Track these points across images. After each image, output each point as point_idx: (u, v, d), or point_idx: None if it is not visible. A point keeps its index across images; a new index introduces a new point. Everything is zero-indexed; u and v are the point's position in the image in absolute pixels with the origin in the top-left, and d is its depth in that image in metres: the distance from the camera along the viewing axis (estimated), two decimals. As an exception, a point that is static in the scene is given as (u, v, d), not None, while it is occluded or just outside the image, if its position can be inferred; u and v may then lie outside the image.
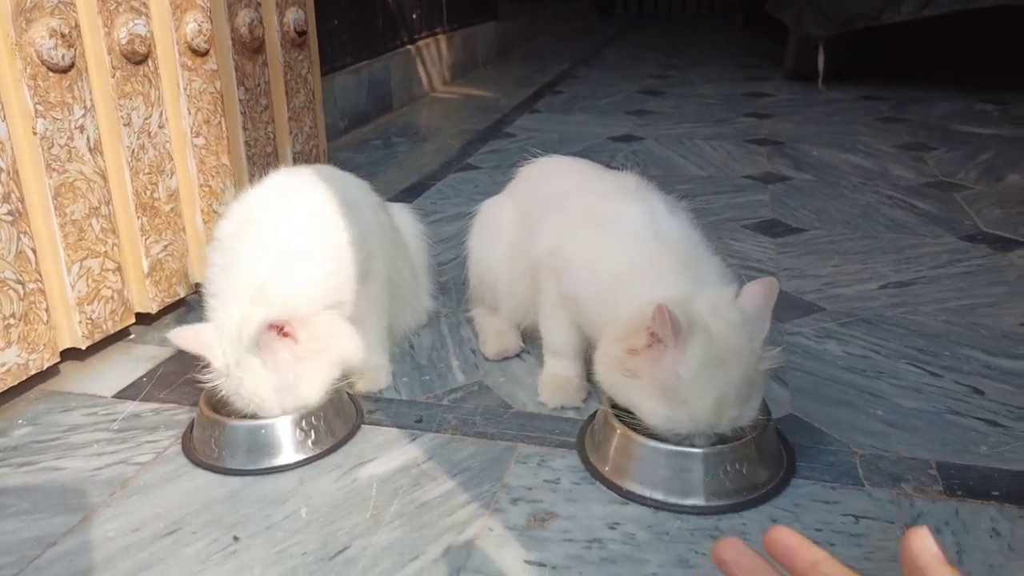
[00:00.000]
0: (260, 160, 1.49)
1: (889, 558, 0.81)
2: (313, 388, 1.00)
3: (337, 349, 1.02)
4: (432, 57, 3.40)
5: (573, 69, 4.10)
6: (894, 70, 3.75)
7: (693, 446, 0.89)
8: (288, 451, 0.98)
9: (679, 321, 0.83)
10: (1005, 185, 2.03)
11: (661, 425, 0.89)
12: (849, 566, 0.42)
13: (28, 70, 1.04)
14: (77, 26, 1.10)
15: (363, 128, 2.75)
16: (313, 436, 0.99)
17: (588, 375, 1.11)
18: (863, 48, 3.68)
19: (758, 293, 0.90)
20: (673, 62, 4.31)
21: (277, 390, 0.97)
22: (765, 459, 0.93)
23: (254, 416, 0.98)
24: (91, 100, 1.14)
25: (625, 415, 0.94)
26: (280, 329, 0.97)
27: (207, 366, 0.98)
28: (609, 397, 0.97)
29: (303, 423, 0.99)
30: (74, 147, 1.12)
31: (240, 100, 1.43)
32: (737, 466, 0.90)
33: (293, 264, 1.02)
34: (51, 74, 1.07)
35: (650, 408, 0.89)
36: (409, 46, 3.17)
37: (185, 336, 0.99)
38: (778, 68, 3.77)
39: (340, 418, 1.03)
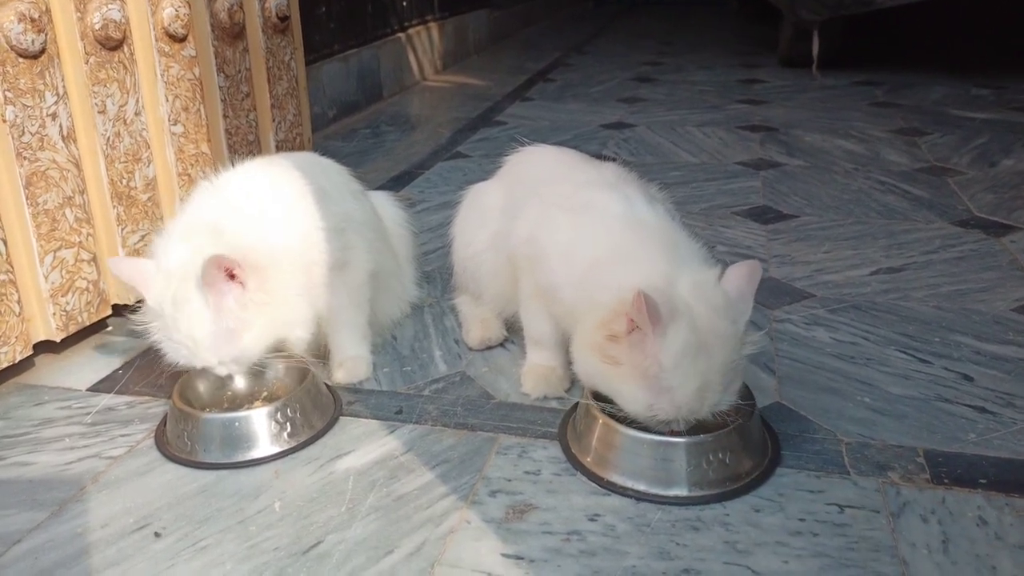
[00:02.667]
0: (242, 148, 1.47)
1: (873, 548, 0.79)
2: (253, 341, 0.96)
3: (285, 309, 0.99)
4: (423, 45, 3.36)
5: (566, 57, 4.06)
6: (889, 55, 3.72)
7: (673, 432, 0.88)
8: (264, 444, 0.96)
9: (657, 308, 0.81)
10: (999, 170, 2.00)
11: (642, 412, 0.87)
12: None
13: (-5, 56, 1.02)
14: (48, 11, 1.08)
15: (352, 117, 2.73)
16: (289, 428, 0.97)
17: (570, 365, 1.09)
18: (858, 33, 3.65)
19: (741, 276, 0.88)
20: (666, 49, 4.28)
21: (214, 335, 0.93)
22: (749, 448, 0.91)
23: (226, 408, 0.96)
24: (64, 87, 1.11)
25: (606, 403, 0.92)
26: (229, 272, 0.94)
27: (142, 304, 0.96)
28: (591, 387, 0.95)
29: (279, 415, 0.97)
30: (46, 135, 1.09)
31: (220, 87, 1.40)
32: (720, 455, 0.88)
33: (252, 210, 1.00)
34: (21, 60, 1.04)
35: (631, 395, 0.87)
36: (400, 34, 3.14)
37: (123, 266, 0.97)
38: (772, 54, 3.74)
39: (318, 410, 1.02)
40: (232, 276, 0.94)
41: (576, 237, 0.98)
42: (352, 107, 2.74)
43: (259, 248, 0.97)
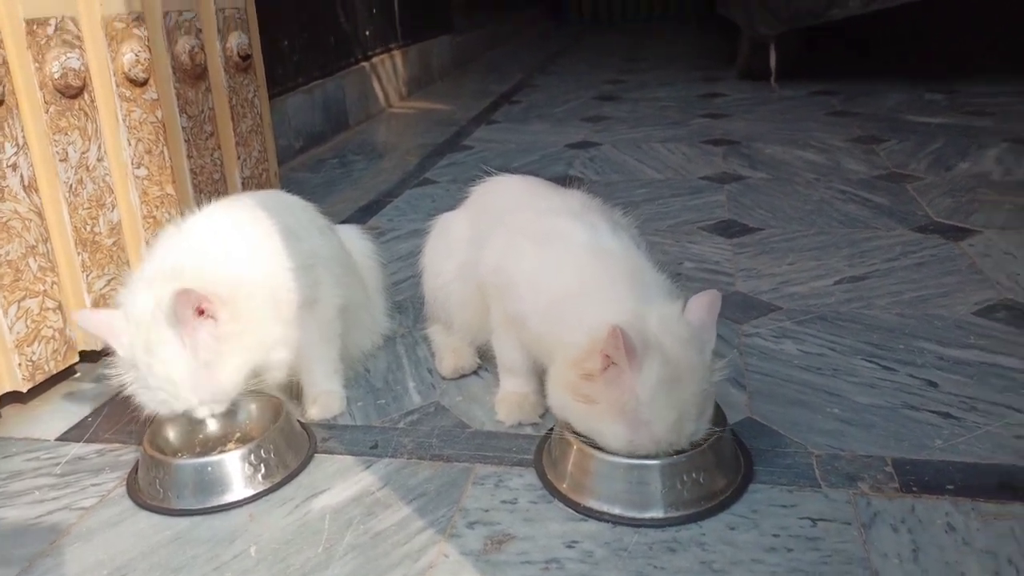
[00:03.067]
0: (207, 187, 1.47)
1: (846, 561, 0.80)
2: (232, 374, 0.96)
3: (261, 333, 0.99)
4: (387, 73, 3.38)
5: (530, 78, 4.10)
6: (845, 64, 3.80)
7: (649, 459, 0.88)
8: (238, 487, 0.95)
9: (633, 343, 0.82)
10: (955, 174, 2.05)
11: (623, 449, 0.88)
12: None
13: (-49, 109, 1.01)
14: (5, 63, 1.08)
15: (319, 148, 2.73)
16: (264, 469, 0.97)
17: (544, 391, 1.10)
18: (813, 45, 3.72)
19: (702, 306, 0.90)
20: (629, 66, 4.34)
21: (192, 374, 0.93)
22: (722, 466, 0.92)
23: (198, 452, 0.95)
24: (23, 137, 1.11)
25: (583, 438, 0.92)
26: (199, 308, 0.93)
27: (112, 356, 0.95)
28: (565, 423, 0.96)
29: (252, 457, 0.97)
30: (7, 186, 1.09)
31: (183, 128, 1.40)
32: (695, 475, 0.89)
33: (215, 251, 1.00)
34: (-24, 112, 1.04)
35: (611, 433, 0.88)
36: (364, 63, 3.15)
37: (90, 318, 0.96)
38: (731, 68, 3.81)
39: (292, 449, 1.01)
40: (201, 312, 0.94)
41: (541, 266, 0.99)
42: (318, 138, 2.74)
43: (224, 282, 0.96)
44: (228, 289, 0.96)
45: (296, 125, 2.59)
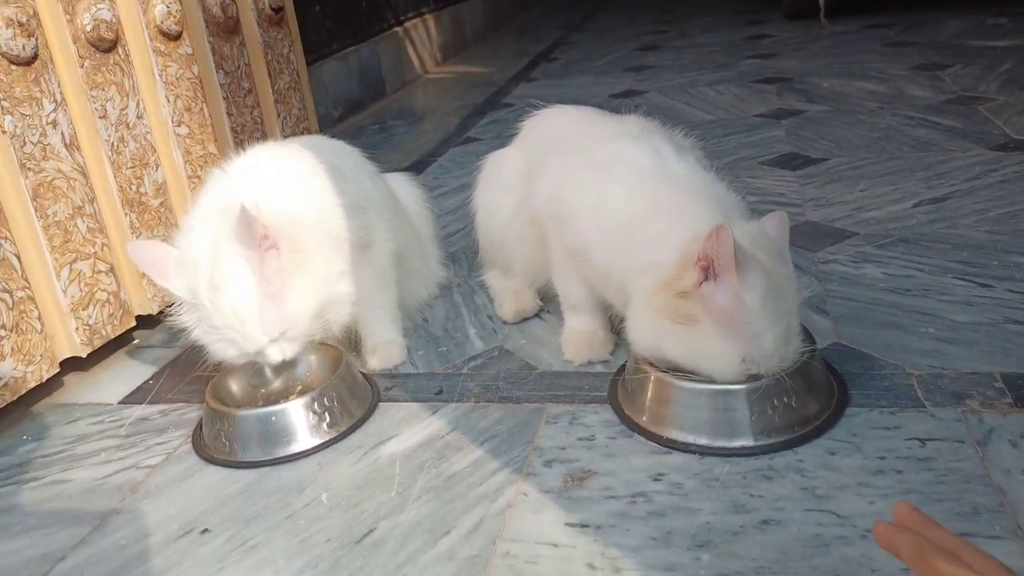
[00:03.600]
0: (249, 146, 1.43)
1: (964, 479, 0.73)
2: (300, 305, 0.92)
3: (322, 265, 0.95)
4: (421, 38, 3.32)
5: (566, 36, 4.00)
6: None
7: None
8: (303, 436, 0.92)
9: (733, 244, 0.75)
10: (1031, 92, 1.92)
11: (733, 368, 0.80)
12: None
13: (-12, 66, 0.98)
14: (36, 14, 1.04)
15: (358, 115, 2.68)
16: (328, 418, 0.93)
17: (613, 326, 1.04)
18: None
19: (771, 228, 0.84)
20: (668, 18, 4.20)
21: (261, 308, 0.88)
22: (814, 390, 0.85)
23: (262, 402, 0.92)
24: (61, 93, 1.08)
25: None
26: (263, 234, 0.89)
27: (172, 306, 0.93)
28: (661, 360, 0.87)
29: (316, 405, 0.93)
30: (48, 144, 1.06)
31: (221, 84, 1.36)
32: (785, 399, 0.83)
33: (265, 188, 0.96)
34: (13, 67, 1.01)
35: (720, 352, 0.80)
36: (396, 28, 3.09)
37: (142, 251, 0.92)
38: (776, 10, 3.66)
39: (355, 398, 0.97)
40: (264, 238, 0.89)
41: (603, 194, 0.93)
42: (356, 105, 2.70)
43: (280, 216, 0.92)
44: (286, 223, 0.92)
45: (334, 94, 2.55)
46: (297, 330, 0.93)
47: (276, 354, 0.92)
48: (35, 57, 1.03)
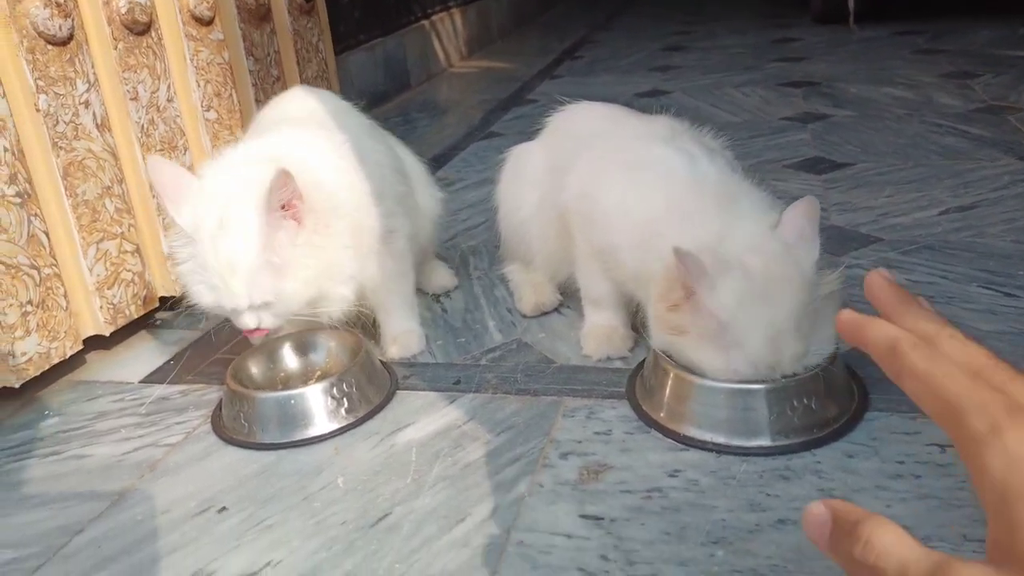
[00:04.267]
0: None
1: (985, 487, 0.73)
2: (296, 286, 0.89)
3: (335, 259, 0.93)
4: (447, 32, 3.32)
5: (592, 34, 3.99)
6: (928, 4, 3.58)
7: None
8: (321, 421, 0.92)
9: (700, 263, 0.76)
10: (1063, 103, 1.90)
11: (722, 376, 0.83)
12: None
13: (25, 43, 1.00)
14: (72, -4, 1.06)
15: (382, 107, 2.69)
16: (347, 404, 0.94)
17: (633, 323, 1.04)
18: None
19: (798, 215, 0.82)
20: (694, 19, 4.18)
21: (255, 269, 0.86)
22: (834, 393, 0.85)
23: (282, 386, 0.92)
24: (94, 74, 1.09)
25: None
26: (289, 202, 0.87)
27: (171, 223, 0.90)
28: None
29: (334, 391, 0.94)
30: (80, 124, 1.07)
31: (250, 71, 1.37)
32: (805, 401, 0.82)
33: (310, 154, 0.95)
34: (49, 47, 1.02)
35: (706, 361, 0.83)
36: (423, 21, 3.10)
37: (161, 168, 0.88)
38: (804, 13, 3.63)
39: (373, 384, 0.98)
40: (287, 209, 0.87)
41: (633, 195, 0.93)
42: (381, 97, 2.71)
43: (321, 191, 0.92)
44: (323, 200, 0.91)
45: (359, 85, 2.56)
46: (282, 308, 0.90)
47: (251, 320, 0.89)
48: (71, 38, 1.04)
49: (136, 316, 1.18)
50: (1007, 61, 2.38)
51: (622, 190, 0.94)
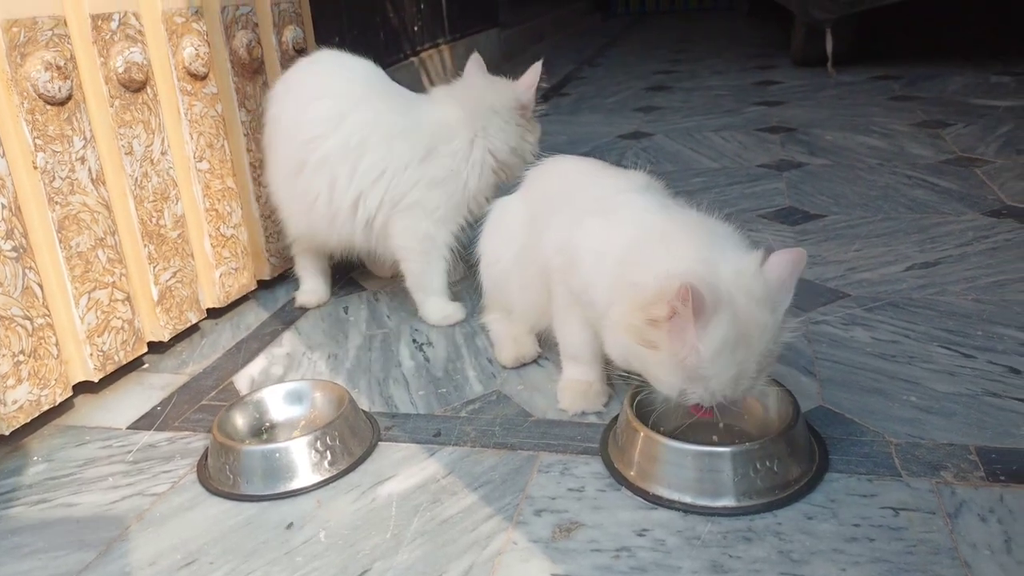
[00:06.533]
0: (265, 181, 1.48)
1: (932, 551, 0.77)
2: None
3: None
4: (436, 68, 3.39)
5: (578, 70, 4.07)
6: (905, 49, 3.68)
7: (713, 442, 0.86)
8: (304, 473, 0.96)
9: (704, 300, 0.80)
10: (1028, 157, 1.97)
11: (674, 396, 0.87)
12: None
13: (25, 104, 1.03)
14: (72, 58, 1.10)
15: (371, 143, 2.74)
16: (329, 456, 0.97)
17: (608, 378, 1.08)
18: (871, 29, 3.62)
19: (785, 263, 0.85)
20: (679, 57, 4.28)
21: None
22: (796, 454, 0.89)
23: (265, 440, 0.96)
24: (91, 131, 1.13)
25: (635, 380, 0.92)
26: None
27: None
28: (631, 396, 0.95)
29: (318, 444, 0.97)
30: (76, 179, 1.11)
31: (242, 122, 1.42)
32: (768, 463, 0.87)
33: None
34: (48, 107, 1.06)
35: (666, 380, 0.86)
36: (412, 58, 3.16)
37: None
38: (785, 55, 3.73)
39: (356, 437, 1.01)
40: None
41: (608, 233, 0.96)
42: (370, 133, 2.76)
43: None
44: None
45: (348, 121, 2.61)
46: None
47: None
48: (69, 98, 1.08)
49: (125, 362, 1.21)
50: (977, 111, 2.46)
51: (598, 231, 0.98)
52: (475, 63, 1.39)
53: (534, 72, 1.34)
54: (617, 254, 0.94)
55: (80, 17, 1.12)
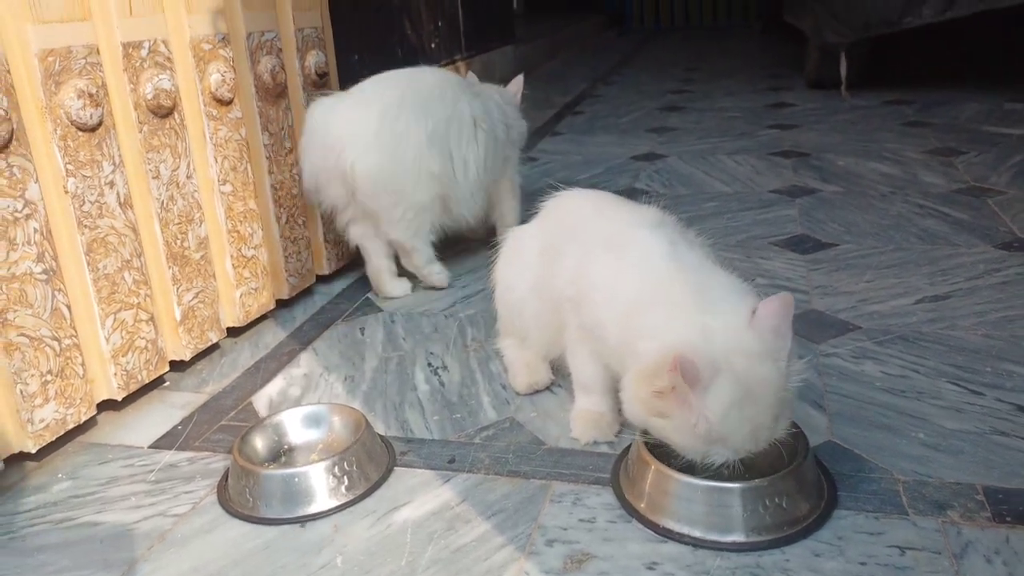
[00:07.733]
0: (286, 202, 1.51)
1: (939, 592, 0.78)
2: None
3: None
4: (452, 85, 3.42)
5: (592, 88, 4.10)
6: (919, 73, 3.70)
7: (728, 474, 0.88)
8: (322, 498, 0.98)
9: (696, 369, 0.82)
10: (1040, 188, 1.98)
11: (699, 460, 0.88)
12: None
13: (58, 131, 1.07)
14: (104, 85, 1.13)
15: (387, 159, 2.77)
16: (347, 482, 0.99)
17: (620, 408, 1.10)
18: (886, 53, 3.64)
19: (775, 312, 0.87)
20: (693, 76, 4.30)
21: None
22: (805, 491, 0.91)
23: (284, 463, 0.98)
24: (120, 156, 1.16)
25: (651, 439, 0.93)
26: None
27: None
28: (643, 428, 0.96)
29: (336, 469, 0.99)
30: (104, 203, 1.14)
31: (265, 145, 1.45)
32: (777, 500, 0.88)
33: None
34: (80, 134, 1.09)
35: (687, 446, 0.88)
36: (429, 75, 3.19)
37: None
38: (799, 76, 3.75)
39: (373, 462, 1.03)
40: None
41: (618, 273, 0.99)
42: (386, 150, 2.79)
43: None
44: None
45: (365, 138, 2.64)
46: None
47: None
48: (100, 124, 1.11)
49: (147, 381, 1.24)
50: (990, 139, 2.47)
51: (608, 268, 1.00)
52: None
53: (517, 82, 2.02)
54: (623, 302, 0.96)
55: (112, 45, 1.16)
